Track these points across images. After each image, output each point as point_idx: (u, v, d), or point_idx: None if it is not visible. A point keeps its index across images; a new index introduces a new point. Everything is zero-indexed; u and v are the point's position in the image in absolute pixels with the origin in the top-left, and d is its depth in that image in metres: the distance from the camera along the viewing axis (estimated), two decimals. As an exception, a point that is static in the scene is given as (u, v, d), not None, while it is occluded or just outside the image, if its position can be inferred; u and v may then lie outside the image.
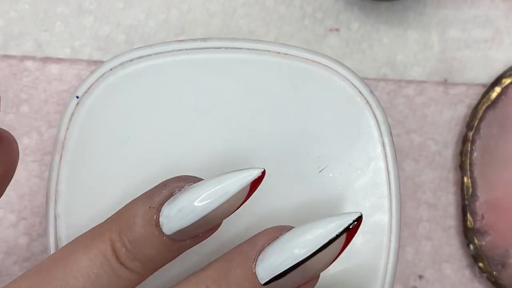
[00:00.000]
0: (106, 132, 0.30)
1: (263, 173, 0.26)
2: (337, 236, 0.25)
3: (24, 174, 0.39)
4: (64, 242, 0.30)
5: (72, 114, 0.30)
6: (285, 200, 0.30)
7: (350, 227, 0.25)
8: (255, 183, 0.26)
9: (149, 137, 0.30)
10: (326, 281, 0.29)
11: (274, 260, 0.26)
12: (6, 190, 0.28)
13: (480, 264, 0.38)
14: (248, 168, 0.26)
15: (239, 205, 0.27)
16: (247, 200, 0.28)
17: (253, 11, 0.41)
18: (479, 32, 0.40)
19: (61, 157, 0.30)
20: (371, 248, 0.30)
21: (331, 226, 0.25)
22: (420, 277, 0.39)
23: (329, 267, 0.27)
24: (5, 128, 0.40)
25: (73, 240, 0.28)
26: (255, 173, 0.26)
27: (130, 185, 0.30)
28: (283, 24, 0.40)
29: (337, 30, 0.40)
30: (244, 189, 0.26)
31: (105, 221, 0.28)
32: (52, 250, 0.30)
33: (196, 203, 0.26)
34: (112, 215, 0.28)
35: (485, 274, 0.38)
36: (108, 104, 0.30)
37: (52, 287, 0.26)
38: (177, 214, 0.26)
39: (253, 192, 0.27)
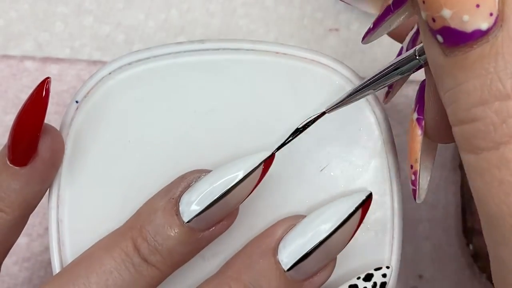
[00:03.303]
0: (107, 136, 0.30)
1: (274, 154, 0.28)
2: (354, 212, 0.27)
3: (24, 174, 0.39)
4: (67, 247, 0.30)
5: (72, 119, 0.30)
6: (286, 200, 0.30)
7: (364, 202, 0.27)
8: (267, 164, 0.28)
9: (150, 140, 0.30)
10: (331, 281, 0.29)
11: (298, 243, 0.27)
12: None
13: (480, 264, 0.38)
14: (259, 152, 0.28)
15: (253, 187, 0.28)
16: (249, 201, 0.28)
17: (252, 11, 0.41)
18: (478, 32, 0.40)
19: (61, 162, 0.30)
20: (374, 246, 0.30)
21: (347, 203, 0.28)
22: (420, 277, 0.39)
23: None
24: (5, 129, 0.40)
25: (94, 244, 0.28)
26: (265, 154, 0.28)
27: (132, 188, 0.30)
28: (283, 24, 0.40)
29: (336, 30, 0.40)
30: (257, 168, 0.27)
31: (125, 222, 0.28)
32: (56, 256, 0.30)
33: (214, 185, 0.27)
34: (132, 215, 0.29)
35: (484, 274, 0.38)
36: (108, 108, 0.30)
37: (75, 287, 0.27)
38: (196, 198, 0.27)
39: (266, 172, 0.28)
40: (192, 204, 0.27)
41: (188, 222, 0.27)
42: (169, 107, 0.30)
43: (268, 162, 0.28)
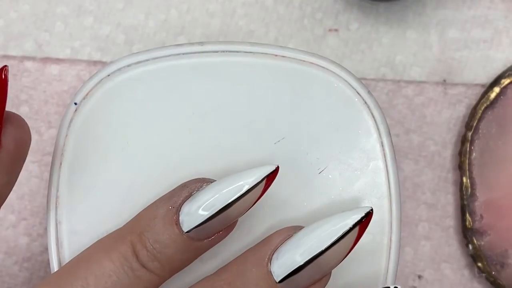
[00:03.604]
0: (105, 138, 0.30)
1: (277, 168, 0.28)
2: (351, 229, 0.27)
3: (24, 175, 0.39)
4: (66, 248, 0.30)
5: (71, 121, 0.30)
6: (285, 202, 0.30)
7: (362, 220, 0.27)
8: (271, 178, 0.28)
9: (149, 142, 0.30)
10: (328, 282, 0.29)
11: (290, 256, 0.27)
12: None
13: (479, 264, 0.38)
14: (264, 165, 0.28)
15: (255, 200, 0.28)
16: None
17: (252, 11, 0.41)
18: (478, 32, 0.40)
19: (60, 163, 0.30)
20: (372, 248, 0.30)
21: (344, 220, 0.27)
22: (419, 277, 0.39)
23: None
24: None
25: (93, 244, 0.28)
26: (270, 168, 0.28)
27: (131, 191, 0.30)
28: (283, 25, 0.40)
29: (336, 30, 0.40)
30: (260, 183, 0.27)
31: (125, 224, 0.28)
32: (54, 257, 0.30)
33: (216, 197, 0.27)
34: (132, 219, 0.29)
35: (484, 274, 0.38)
36: (107, 109, 0.30)
37: None
38: (197, 210, 0.27)
39: (269, 187, 0.28)
40: (192, 215, 0.27)
41: (187, 232, 0.27)
42: (168, 109, 0.30)
43: (271, 176, 0.28)
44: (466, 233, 0.38)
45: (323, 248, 0.27)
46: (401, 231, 0.30)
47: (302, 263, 0.27)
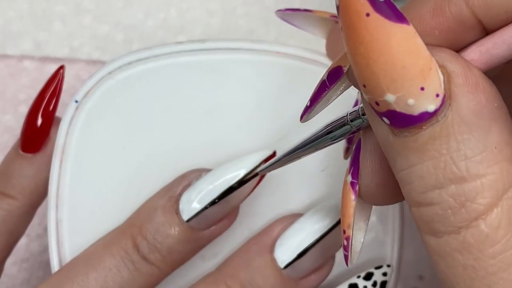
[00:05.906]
0: (106, 135, 0.30)
1: (274, 153, 0.28)
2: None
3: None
4: (66, 247, 0.30)
5: (72, 119, 0.30)
6: (287, 201, 0.30)
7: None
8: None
9: (150, 140, 0.30)
10: (331, 280, 0.29)
11: (294, 241, 0.27)
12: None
13: (480, 264, 0.37)
14: (260, 150, 0.28)
15: (254, 185, 0.28)
16: (249, 201, 0.28)
17: (253, 10, 0.40)
18: (479, 31, 0.40)
19: (61, 162, 0.30)
20: (375, 246, 0.30)
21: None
22: (421, 277, 0.39)
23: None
24: (3, 129, 0.39)
25: (94, 242, 0.28)
26: (266, 153, 0.28)
27: (132, 188, 0.29)
28: (283, 24, 0.40)
29: (337, 29, 0.40)
30: (257, 168, 0.27)
31: (126, 219, 0.28)
32: (55, 256, 0.30)
33: (214, 184, 0.27)
34: (133, 213, 0.29)
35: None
36: (108, 107, 0.30)
37: (73, 284, 0.27)
38: (196, 197, 0.27)
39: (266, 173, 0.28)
40: (192, 203, 0.27)
41: (188, 220, 0.27)
42: (169, 106, 0.30)
43: (268, 160, 0.28)
44: (468, 233, 0.38)
45: (325, 230, 0.27)
46: (404, 229, 0.30)
47: (306, 246, 0.27)
